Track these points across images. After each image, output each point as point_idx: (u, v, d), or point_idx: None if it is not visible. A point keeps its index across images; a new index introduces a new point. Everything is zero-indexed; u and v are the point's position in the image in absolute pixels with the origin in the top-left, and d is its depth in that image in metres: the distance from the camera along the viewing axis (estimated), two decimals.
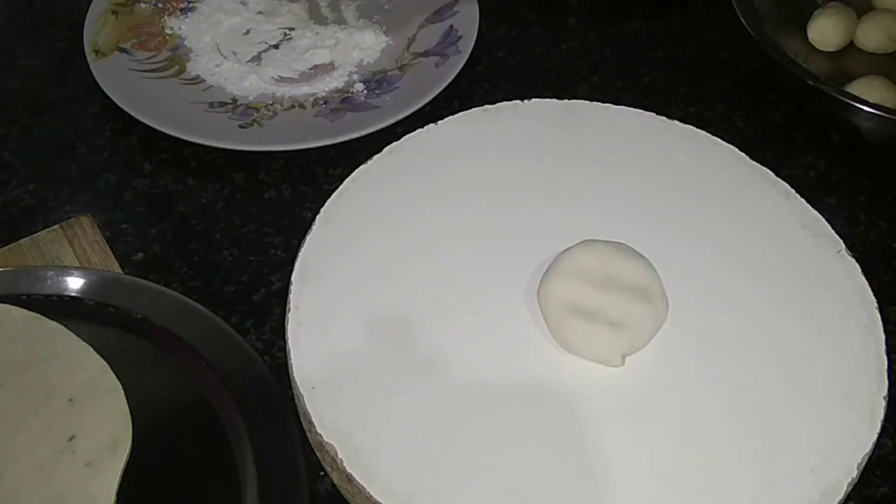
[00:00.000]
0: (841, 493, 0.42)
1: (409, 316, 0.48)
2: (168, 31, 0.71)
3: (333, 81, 0.68)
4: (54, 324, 0.49)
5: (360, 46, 0.70)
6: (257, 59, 0.70)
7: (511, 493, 0.42)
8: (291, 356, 0.46)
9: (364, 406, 0.45)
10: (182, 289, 0.55)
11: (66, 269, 0.54)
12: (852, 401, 0.45)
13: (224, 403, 0.48)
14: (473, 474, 0.42)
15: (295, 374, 0.46)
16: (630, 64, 0.71)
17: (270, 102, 0.66)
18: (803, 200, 0.53)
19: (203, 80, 0.68)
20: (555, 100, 0.58)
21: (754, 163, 0.54)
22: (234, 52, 0.70)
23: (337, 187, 0.54)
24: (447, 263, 0.50)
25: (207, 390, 0.48)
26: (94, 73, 0.66)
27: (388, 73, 0.68)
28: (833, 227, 0.51)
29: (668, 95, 0.68)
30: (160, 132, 0.62)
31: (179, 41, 0.71)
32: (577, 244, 0.48)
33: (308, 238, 0.51)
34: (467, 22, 0.70)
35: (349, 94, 0.66)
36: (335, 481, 0.45)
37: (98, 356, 0.47)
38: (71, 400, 0.46)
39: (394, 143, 0.56)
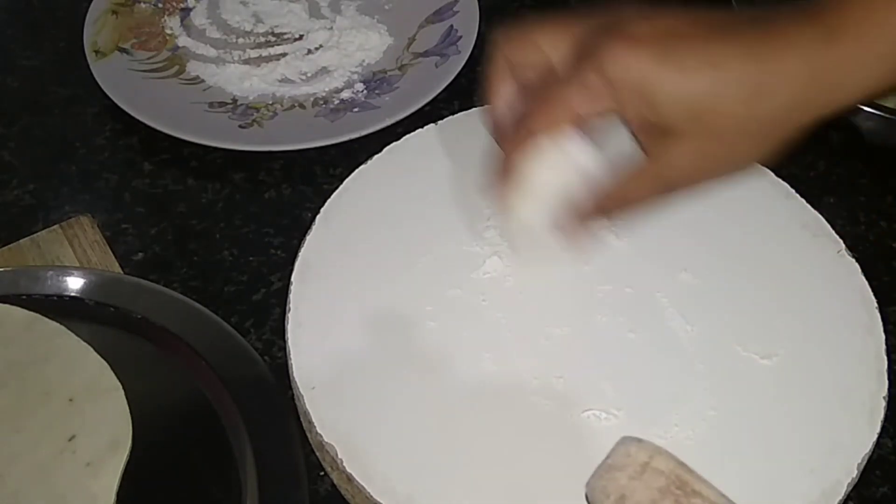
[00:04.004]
0: (841, 493, 0.42)
1: (410, 316, 0.48)
2: (168, 31, 0.71)
3: (333, 81, 0.68)
4: (54, 324, 0.49)
5: (362, 47, 0.70)
6: (258, 60, 0.70)
7: (510, 493, 0.42)
8: (291, 356, 0.46)
9: (364, 406, 0.45)
10: (182, 289, 0.55)
11: (66, 269, 0.54)
12: (852, 401, 0.45)
13: (224, 403, 0.48)
14: (473, 474, 0.42)
15: (295, 374, 0.46)
16: None
17: (270, 102, 0.66)
18: (803, 200, 0.53)
19: (203, 80, 0.68)
20: None
21: None
22: (235, 52, 0.70)
23: (337, 187, 0.54)
24: (447, 263, 0.50)
25: (207, 390, 0.48)
26: (94, 73, 0.66)
27: (388, 73, 0.68)
28: (833, 227, 0.51)
29: None
30: (160, 132, 0.62)
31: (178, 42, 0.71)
32: None
33: (308, 238, 0.51)
34: (467, 22, 0.70)
35: (349, 94, 0.66)
36: (335, 481, 0.45)
37: (98, 356, 0.47)
38: (71, 400, 0.46)
39: (394, 143, 0.56)
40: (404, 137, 0.56)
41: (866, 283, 0.49)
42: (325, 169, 0.63)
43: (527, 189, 0.44)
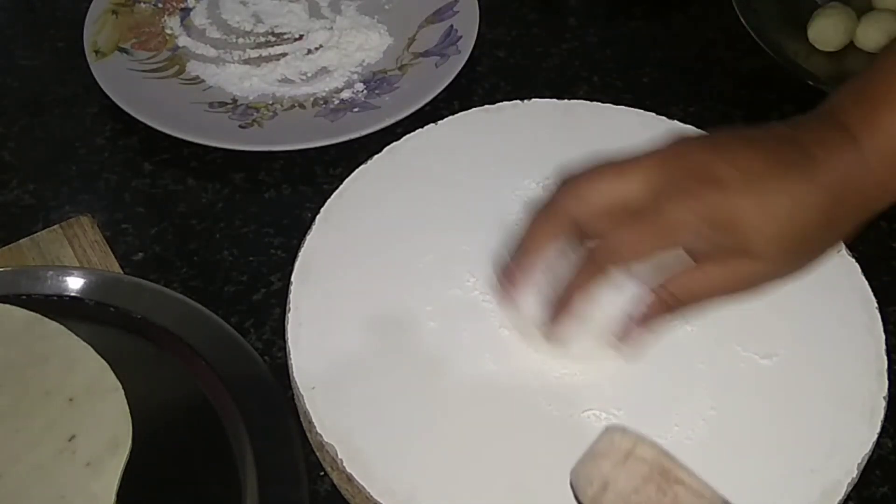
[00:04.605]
0: (841, 493, 0.42)
1: (410, 316, 0.48)
2: (168, 31, 0.71)
3: (333, 81, 0.68)
4: (54, 324, 0.49)
5: (362, 47, 0.70)
6: (258, 60, 0.70)
7: (510, 492, 0.42)
8: (291, 356, 0.46)
9: (364, 406, 0.45)
10: (182, 289, 0.55)
11: (66, 269, 0.54)
12: (852, 401, 0.45)
13: (224, 403, 0.48)
14: (473, 474, 0.42)
15: (295, 374, 0.46)
16: (630, 64, 0.71)
17: (270, 102, 0.66)
18: None
19: (203, 80, 0.68)
20: (555, 100, 0.58)
21: None
22: (235, 52, 0.70)
23: (337, 187, 0.54)
24: (447, 263, 0.50)
25: (207, 390, 0.48)
26: (94, 73, 0.66)
27: (388, 73, 0.68)
28: None
29: (668, 95, 0.68)
30: (160, 132, 0.62)
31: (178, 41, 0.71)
32: None
33: (308, 238, 0.51)
34: (467, 22, 0.70)
35: (349, 94, 0.66)
36: (335, 481, 0.45)
37: (98, 356, 0.47)
38: (71, 400, 0.46)
39: (394, 143, 0.56)
40: (404, 137, 0.56)
41: (866, 283, 0.49)
42: (325, 169, 0.63)
43: (586, 324, 0.44)
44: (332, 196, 0.53)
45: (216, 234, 0.59)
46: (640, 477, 0.34)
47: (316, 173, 0.62)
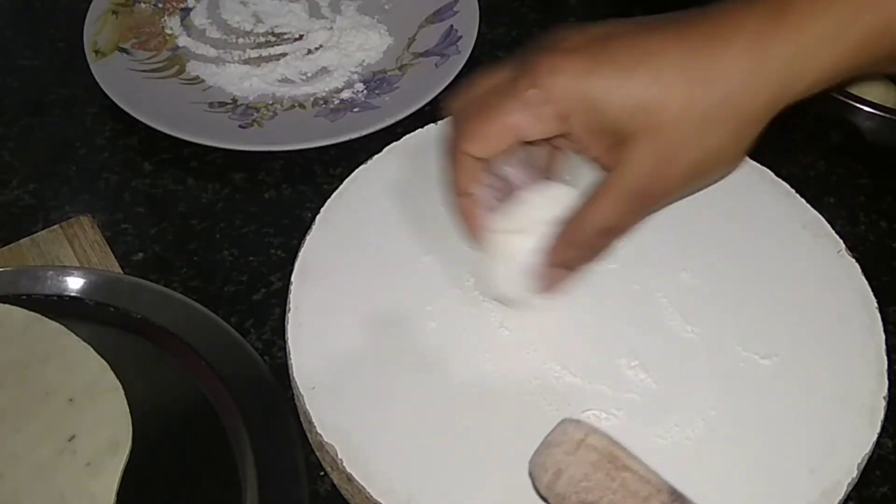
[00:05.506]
0: (841, 493, 0.42)
1: (410, 316, 0.48)
2: (168, 31, 0.71)
3: (333, 81, 0.68)
4: (54, 324, 0.49)
5: (362, 47, 0.70)
6: (258, 60, 0.70)
7: (510, 492, 0.42)
8: (291, 356, 0.46)
9: (364, 406, 0.45)
10: (182, 289, 0.55)
11: (66, 269, 0.54)
12: (852, 401, 0.45)
13: (224, 403, 0.48)
14: (473, 474, 0.42)
15: (295, 374, 0.46)
16: None
17: (270, 102, 0.66)
18: (803, 200, 0.53)
19: (203, 80, 0.68)
20: None
21: (754, 163, 0.54)
22: (235, 52, 0.70)
23: (337, 187, 0.54)
24: (447, 263, 0.50)
25: (207, 390, 0.48)
26: (94, 73, 0.66)
27: (388, 73, 0.68)
28: (833, 227, 0.51)
29: None
30: (160, 132, 0.62)
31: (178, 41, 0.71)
32: None
33: (308, 238, 0.51)
34: (467, 22, 0.70)
35: (349, 94, 0.66)
36: (335, 481, 0.45)
37: (98, 356, 0.47)
38: (71, 400, 0.46)
39: (394, 143, 0.56)
40: (404, 137, 0.56)
41: (866, 283, 0.49)
42: (325, 169, 0.63)
43: (498, 256, 0.44)
44: (332, 196, 0.53)
45: (216, 234, 0.59)
46: (590, 464, 0.36)
47: (316, 173, 0.62)
